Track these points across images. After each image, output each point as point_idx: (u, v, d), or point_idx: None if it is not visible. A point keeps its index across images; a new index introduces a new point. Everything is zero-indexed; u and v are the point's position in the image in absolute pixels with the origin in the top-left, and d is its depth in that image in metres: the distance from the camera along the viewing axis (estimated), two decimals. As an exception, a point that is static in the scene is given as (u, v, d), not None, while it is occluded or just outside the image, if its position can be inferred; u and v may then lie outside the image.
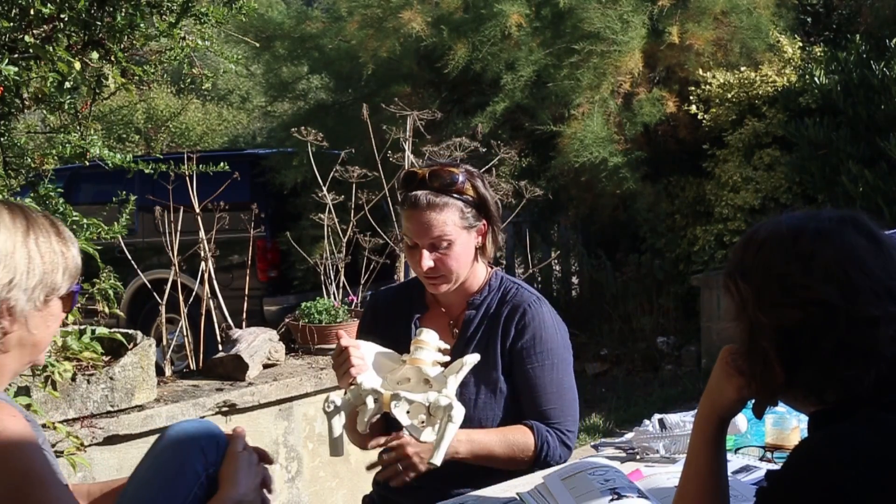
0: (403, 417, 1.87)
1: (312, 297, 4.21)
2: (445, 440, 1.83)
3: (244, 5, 3.28)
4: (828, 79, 6.65)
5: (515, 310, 2.13)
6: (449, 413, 1.83)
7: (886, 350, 1.21)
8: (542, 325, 2.12)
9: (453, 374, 1.92)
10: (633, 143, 7.17)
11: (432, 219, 2.05)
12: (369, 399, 1.90)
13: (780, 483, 1.20)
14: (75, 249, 1.56)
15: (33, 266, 1.46)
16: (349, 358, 1.95)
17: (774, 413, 2.03)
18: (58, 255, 1.51)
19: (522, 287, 2.20)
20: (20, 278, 1.45)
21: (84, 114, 3.27)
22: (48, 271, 1.48)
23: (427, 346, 1.95)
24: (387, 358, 2.02)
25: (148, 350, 3.30)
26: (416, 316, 2.21)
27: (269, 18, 7.97)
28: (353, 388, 1.93)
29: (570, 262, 8.66)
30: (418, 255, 2.07)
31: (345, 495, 3.83)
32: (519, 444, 2.07)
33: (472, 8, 7.22)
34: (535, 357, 2.11)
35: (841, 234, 1.26)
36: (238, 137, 16.21)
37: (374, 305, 2.33)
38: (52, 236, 1.51)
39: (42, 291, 1.48)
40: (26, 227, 1.48)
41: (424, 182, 2.07)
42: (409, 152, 4.70)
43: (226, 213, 4.27)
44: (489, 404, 2.10)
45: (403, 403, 1.87)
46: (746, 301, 1.28)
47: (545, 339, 2.12)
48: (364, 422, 1.90)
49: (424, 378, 1.93)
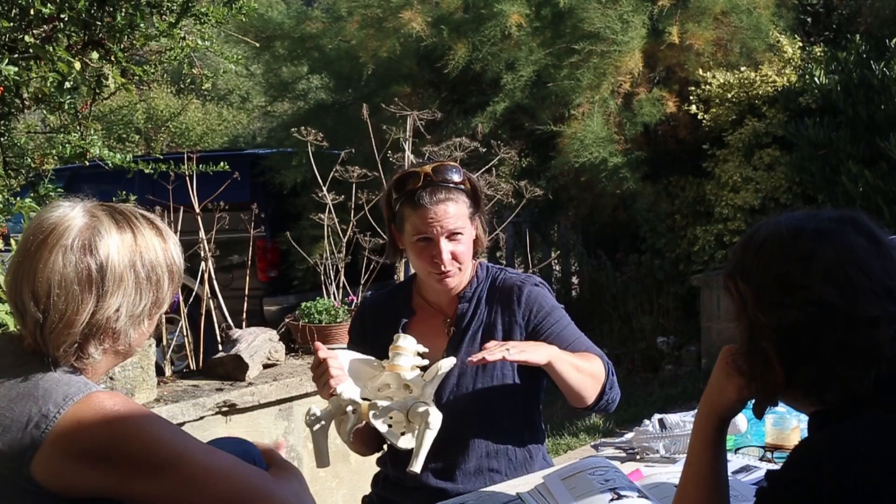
0: (382, 426, 1.87)
1: (312, 297, 4.21)
2: (424, 447, 1.82)
3: (244, 5, 3.29)
4: (828, 79, 6.65)
5: (510, 289, 2.15)
6: (426, 420, 1.82)
7: (886, 350, 1.21)
8: (539, 294, 2.15)
9: (430, 381, 1.91)
10: (633, 143, 7.18)
11: (450, 210, 2.06)
12: (349, 409, 1.90)
13: (781, 483, 1.20)
14: (179, 257, 1.53)
15: (141, 292, 1.45)
16: (328, 369, 1.95)
17: (774, 413, 2.03)
18: (164, 271, 1.49)
19: (507, 270, 2.22)
20: (128, 306, 1.44)
21: (84, 114, 3.27)
22: (155, 291, 1.48)
23: (405, 351, 1.94)
24: (366, 365, 2.01)
25: (148, 350, 3.30)
26: (404, 321, 2.21)
27: (269, 18, 7.97)
28: (333, 399, 1.93)
29: (570, 262, 8.66)
30: (435, 250, 2.07)
31: (345, 495, 3.83)
32: (592, 368, 2.07)
33: (472, 8, 7.22)
34: (550, 321, 2.12)
35: (841, 234, 1.26)
36: (238, 137, 16.21)
37: (362, 312, 2.33)
38: (158, 248, 1.48)
39: (147, 312, 1.48)
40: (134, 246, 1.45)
41: (429, 178, 2.07)
42: (409, 152, 4.70)
43: (226, 213, 4.27)
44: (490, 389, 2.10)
45: (381, 412, 1.87)
46: (746, 301, 1.28)
47: (550, 305, 2.14)
48: (346, 432, 1.90)
49: (404, 384, 1.92)
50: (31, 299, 1.40)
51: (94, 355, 1.44)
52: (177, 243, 1.54)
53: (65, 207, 1.46)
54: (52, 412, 1.36)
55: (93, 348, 1.44)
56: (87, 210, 1.46)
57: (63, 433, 1.35)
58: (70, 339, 1.41)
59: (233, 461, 1.50)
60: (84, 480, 1.37)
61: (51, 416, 1.36)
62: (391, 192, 2.13)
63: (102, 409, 1.39)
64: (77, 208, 1.46)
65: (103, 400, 1.40)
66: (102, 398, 1.40)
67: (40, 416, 1.36)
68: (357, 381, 1.97)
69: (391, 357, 1.95)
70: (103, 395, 1.41)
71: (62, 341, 1.41)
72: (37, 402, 1.37)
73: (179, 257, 1.53)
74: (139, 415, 1.43)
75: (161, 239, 1.50)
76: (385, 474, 2.25)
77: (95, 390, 1.41)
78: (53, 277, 1.39)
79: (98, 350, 1.44)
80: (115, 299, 1.42)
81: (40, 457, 1.35)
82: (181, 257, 1.54)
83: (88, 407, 1.38)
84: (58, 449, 1.35)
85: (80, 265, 1.40)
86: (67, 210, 1.45)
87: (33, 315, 1.40)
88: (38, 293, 1.40)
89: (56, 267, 1.39)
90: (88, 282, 1.40)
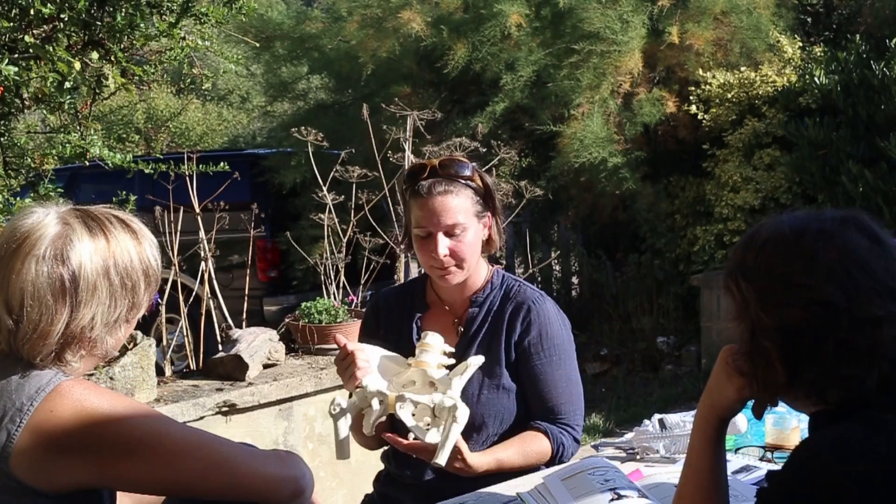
0: (409, 419, 1.88)
1: (312, 297, 4.21)
2: (450, 440, 1.84)
3: (244, 5, 3.29)
4: (828, 79, 6.65)
5: (520, 307, 2.13)
6: (453, 414, 1.85)
7: (889, 350, 1.21)
8: (547, 321, 2.13)
9: (458, 376, 1.92)
10: (632, 143, 7.17)
11: (448, 204, 2.05)
12: (374, 401, 1.91)
13: (781, 483, 1.20)
14: (155, 259, 1.52)
15: (115, 299, 1.45)
16: (355, 361, 1.95)
17: (774, 413, 2.03)
18: (139, 276, 1.48)
19: (524, 284, 2.21)
20: (103, 314, 1.44)
21: (84, 114, 3.27)
22: (131, 297, 1.47)
23: (432, 349, 1.96)
24: (391, 361, 2.02)
25: (148, 350, 3.30)
26: (418, 315, 2.21)
27: (269, 18, 7.97)
28: (358, 391, 1.94)
29: (570, 262, 8.66)
30: (433, 244, 2.07)
31: (345, 495, 3.82)
32: (537, 453, 2.10)
33: (472, 8, 7.22)
34: (542, 353, 2.11)
35: (843, 234, 1.26)
36: (238, 137, 16.21)
37: (376, 306, 2.32)
38: (133, 252, 1.48)
39: (123, 318, 1.48)
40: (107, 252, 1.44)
41: (435, 171, 2.07)
42: (409, 152, 4.70)
43: (226, 213, 4.27)
44: (492, 400, 2.11)
45: (408, 405, 1.88)
46: (748, 301, 1.28)
47: (551, 335, 2.13)
48: (370, 423, 1.91)
49: (429, 381, 1.93)
50: (5, 308, 1.40)
51: (71, 362, 1.45)
52: (153, 244, 1.53)
53: (38, 214, 1.45)
54: (25, 405, 1.37)
55: (69, 355, 1.44)
56: (60, 217, 1.45)
57: (38, 424, 1.37)
58: (46, 350, 1.41)
59: (211, 435, 1.51)
60: (65, 472, 1.38)
61: (24, 409, 1.37)
62: (403, 182, 2.16)
63: (73, 397, 1.40)
64: (50, 215, 1.45)
65: (73, 388, 1.41)
66: (73, 386, 1.41)
67: (14, 409, 1.37)
68: (383, 376, 1.98)
69: (418, 354, 1.97)
70: (73, 383, 1.42)
71: (38, 351, 1.41)
72: (10, 397, 1.38)
73: (156, 259, 1.52)
74: (110, 398, 1.44)
75: (136, 242, 1.49)
76: (387, 471, 2.26)
77: (65, 379, 1.41)
78: (26, 287, 1.39)
79: (76, 357, 1.45)
80: (90, 308, 1.42)
81: (18, 451, 1.36)
82: (158, 258, 1.53)
83: (60, 396, 1.39)
84: (35, 441, 1.36)
85: (53, 275, 1.40)
86: (41, 217, 1.44)
87: (6, 323, 1.41)
88: (12, 303, 1.40)
89: (28, 277, 1.39)
90: (62, 292, 1.40)
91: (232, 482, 1.47)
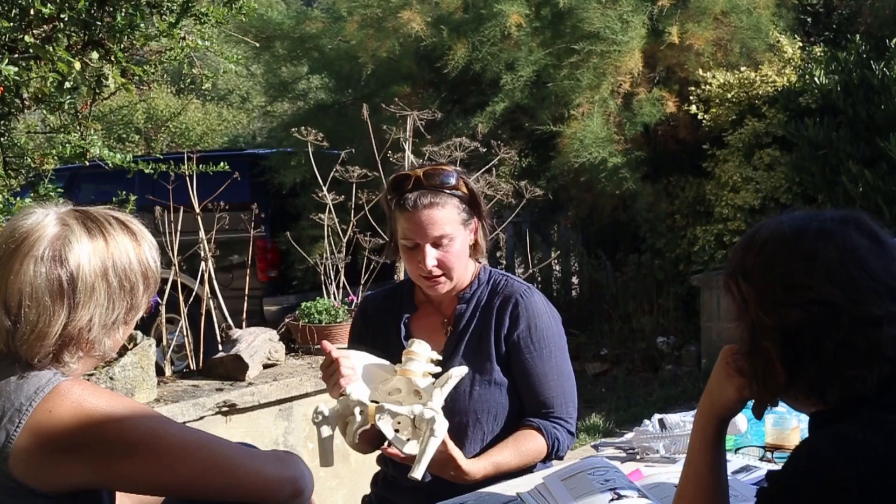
0: (388, 430, 1.85)
1: (312, 297, 4.21)
2: (427, 454, 1.81)
3: (244, 5, 3.29)
4: (828, 79, 6.65)
5: (507, 300, 2.13)
6: (431, 427, 1.81)
7: (889, 350, 1.21)
8: (535, 313, 2.12)
9: (439, 388, 1.90)
10: (632, 143, 7.17)
11: (435, 216, 2.04)
12: (356, 410, 1.88)
13: (781, 483, 1.20)
14: (154, 261, 1.51)
15: (114, 301, 1.44)
16: (339, 368, 1.93)
17: (774, 413, 2.03)
18: (138, 278, 1.47)
19: (511, 278, 2.20)
20: (101, 316, 1.44)
21: (84, 114, 3.27)
22: (129, 298, 1.47)
23: (418, 356, 1.93)
24: (378, 368, 1.99)
25: (148, 350, 3.30)
26: (406, 316, 2.20)
27: (269, 18, 7.97)
28: (341, 399, 1.91)
29: (570, 262, 8.66)
30: (421, 256, 2.06)
31: (345, 495, 3.82)
32: (532, 452, 2.09)
33: (472, 8, 7.22)
34: (532, 347, 2.11)
35: (843, 234, 1.25)
36: (238, 137, 16.20)
37: (364, 309, 2.32)
38: (132, 253, 1.47)
39: (122, 320, 1.48)
40: (106, 253, 1.44)
41: (420, 182, 2.06)
42: (409, 152, 4.70)
43: (226, 213, 4.27)
44: (484, 396, 2.10)
45: (388, 416, 1.85)
46: (748, 301, 1.28)
47: (540, 327, 2.12)
48: (352, 433, 1.89)
49: (414, 389, 1.90)
50: (3, 309, 1.40)
51: (69, 363, 1.45)
52: (152, 245, 1.52)
53: (38, 215, 1.45)
54: (24, 405, 1.37)
55: (67, 356, 1.44)
56: (59, 218, 1.45)
57: (37, 424, 1.36)
58: (44, 351, 1.41)
59: (211, 436, 1.50)
60: (64, 473, 1.38)
61: (23, 409, 1.37)
62: (387, 192, 2.13)
63: (72, 397, 1.40)
64: (50, 216, 1.44)
65: (72, 388, 1.41)
66: (72, 386, 1.41)
67: (13, 410, 1.37)
68: (368, 384, 1.95)
69: (404, 361, 1.94)
70: (72, 383, 1.42)
71: (36, 351, 1.41)
72: (9, 398, 1.38)
73: (155, 261, 1.52)
74: (109, 398, 1.44)
75: (135, 243, 1.49)
76: (384, 473, 2.25)
77: (64, 380, 1.41)
78: (24, 289, 1.39)
79: (73, 358, 1.45)
80: (87, 310, 1.42)
81: (17, 451, 1.36)
82: (157, 260, 1.52)
83: (58, 396, 1.39)
84: (34, 441, 1.36)
85: (51, 276, 1.39)
86: (40, 218, 1.44)
87: (4, 324, 1.41)
88: (10, 303, 1.40)
89: (27, 278, 1.39)
90: (59, 293, 1.40)
91: (231, 482, 1.47)
